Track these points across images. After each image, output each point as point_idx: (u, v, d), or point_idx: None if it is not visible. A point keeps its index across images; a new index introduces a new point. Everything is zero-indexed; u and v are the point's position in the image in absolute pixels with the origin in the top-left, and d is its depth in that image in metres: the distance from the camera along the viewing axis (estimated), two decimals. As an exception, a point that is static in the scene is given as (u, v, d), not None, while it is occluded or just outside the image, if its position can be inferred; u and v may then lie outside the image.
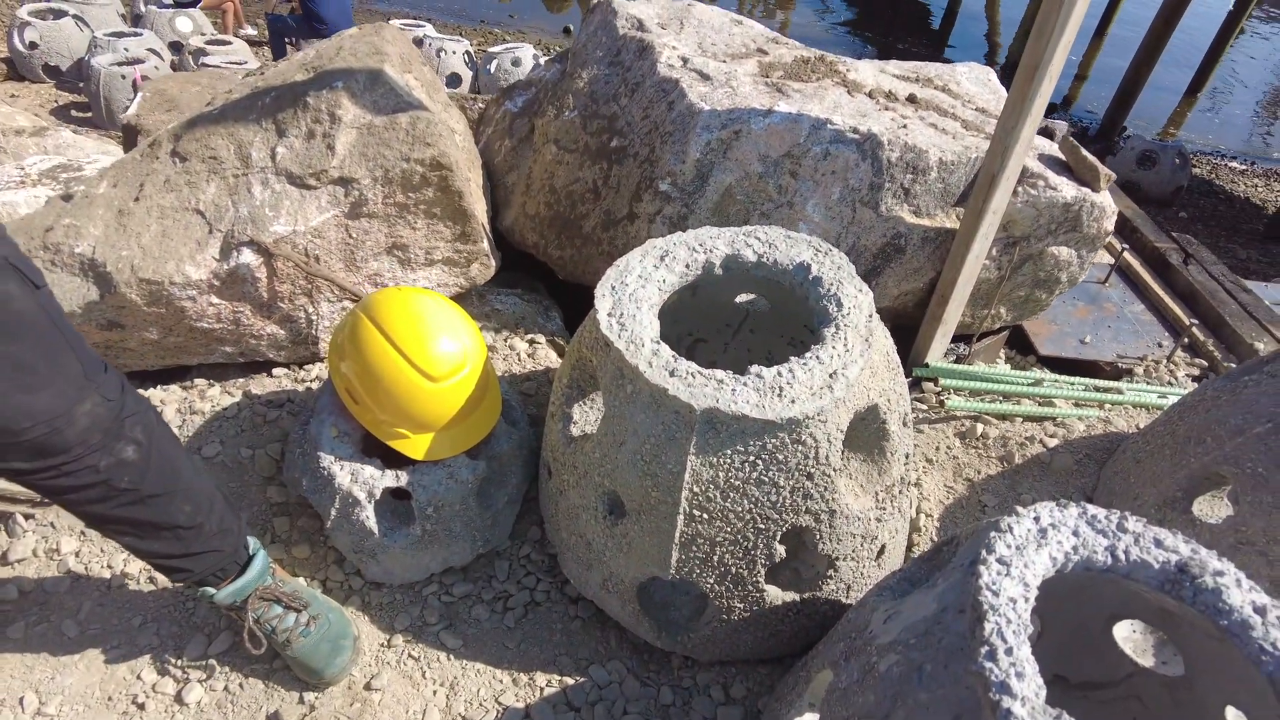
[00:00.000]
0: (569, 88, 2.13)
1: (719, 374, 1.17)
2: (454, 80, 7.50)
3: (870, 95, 2.06)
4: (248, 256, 1.66)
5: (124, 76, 6.16)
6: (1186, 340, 2.76)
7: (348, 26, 7.68)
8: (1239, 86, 11.63)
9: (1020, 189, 1.94)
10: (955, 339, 2.21)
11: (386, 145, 1.71)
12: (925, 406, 1.96)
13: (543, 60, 7.19)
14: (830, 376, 1.19)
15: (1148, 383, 2.47)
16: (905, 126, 1.94)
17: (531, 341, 1.96)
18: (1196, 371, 2.63)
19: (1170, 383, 2.51)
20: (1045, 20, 1.61)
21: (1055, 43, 1.61)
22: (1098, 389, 2.12)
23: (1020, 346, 2.76)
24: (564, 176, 2.08)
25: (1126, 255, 3.19)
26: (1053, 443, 1.80)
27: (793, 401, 1.14)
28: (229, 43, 7.15)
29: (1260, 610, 0.93)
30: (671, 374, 1.18)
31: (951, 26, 12.72)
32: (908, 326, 2.14)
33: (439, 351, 1.37)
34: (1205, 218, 7.48)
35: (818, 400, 1.15)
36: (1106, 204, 2.02)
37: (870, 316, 1.29)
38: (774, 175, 1.86)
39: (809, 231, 1.92)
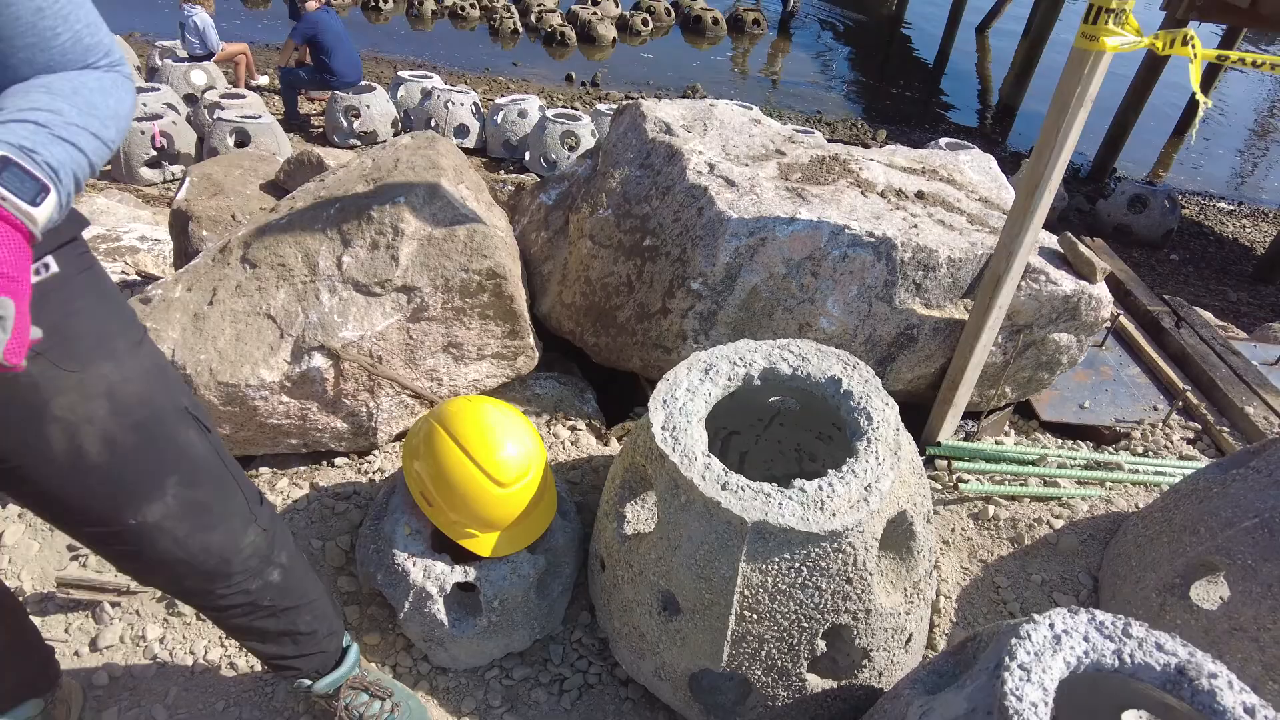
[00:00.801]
0: (602, 186, 2.29)
1: (766, 488, 1.32)
2: (462, 131, 7.73)
3: (882, 195, 2.23)
4: (318, 360, 1.81)
5: (143, 132, 6.36)
6: (1181, 404, 2.91)
7: (357, 78, 7.95)
8: (1224, 125, 11.93)
9: (1023, 283, 2.10)
10: (964, 416, 2.36)
11: (446, 256, 1.87)
12: (940, 486, 2.11)
13: (550, 113, 7.43)
14: (865, 489, 1.33)
15: (1145, 447, 2.62)
16: (915, 226, 2.10)
17: (573, 429, 2.10)
18: (1191, 435, 2.78)
19: (1166, 447, 2.66)
20: (1043, 147, 1.78)
21: (1053, 165, 1.78)
22: (1098, 464, 2.26)
23: (1023, 411, 2.91)
24: (599, 269, 2.24)
25: (1121, 319, 3.36)
26: (1059, 524, 1.95)
27: (834, 515, 1.29)
28: (243, 96, 7.37)
29: (1249, 710, 1.07)
30: (724, 487, 1.32)
31: (944, 68, 13.06)
32: (920, 406, 2.29)
33: (507, 460, 1.51)
34: (1196, 259, 7.69)
35: (856, 513, 1.30)
36: (1103, 295, 2.18)
37: (898, 430, 1.44)
38: (797, 275, 2.02)
39: (828, 324, 2.08)
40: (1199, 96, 1.65)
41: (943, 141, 7.54)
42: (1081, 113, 1.75)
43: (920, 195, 2.29)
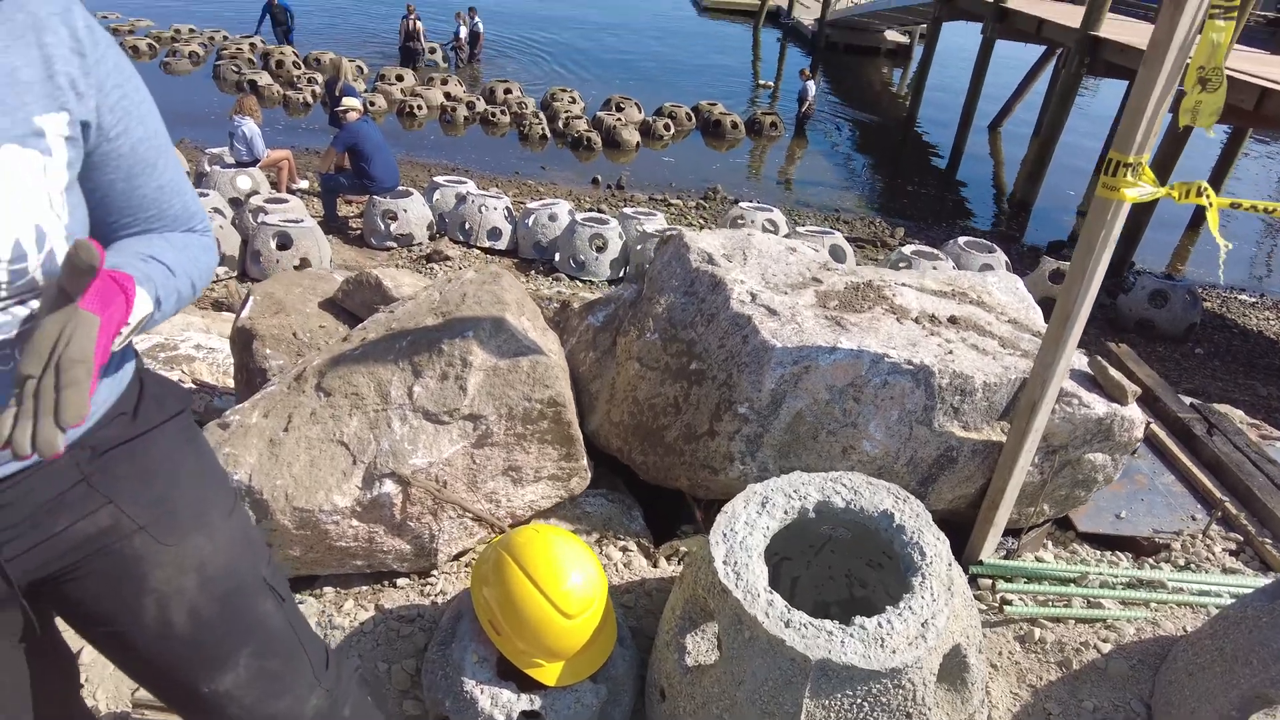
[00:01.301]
0: (649, 311, 2.43)
1: (828, 625, 1.38)
2: (494, 234, 8.05)
3: (916, 320, 2.34)
4: (389, 487, 1.91)
5: (194, 236, 6.67)
6: (1219, 514, 2.93)
7: (394, 184, 8.34)
8: (1240, 217, 12.13)
9: (1057, 407, 2.18)
10: (1004, 534, 2.41)
11: (510, 386, 1.99)
12: (984, 607, 2.14)
13: (579, 217, 7.74)
14: (923, 626, 1.39)
15: (1186, 560, 2.64)
16: (951, 353, 2.21)
17: (624, 549, 2.17)
18: (1233, 546, 2.79)
19: (1208, 559, 2.67)
20: (1072, 283, 1.90)
21: (1082, 299, 1.89)
22: (1141, 583, 2.29)
23: (1060, 522, 2.94)
24: (646, 390, 2.35)
25: (1152, 426, 3.41)
26: (1106, 647, 1.97)
27: (894, 652, 1.35)
28: (285, 200, 7.74)
29: None
30: (787, 625, 1.38)
31: (958, 165, 13.46)
32: (961, 524, 2.34)
33: (574, 591, 1.58)
34: (1221, 353, 7.72)
35: (914, 650, 1.35)
36: (1135, 416, 2.26)
37: (949, 564, 1.51)
38: (840, 401, 2.12)
39: (871, 447, 2.16)
40: (1219, 241, 1.77)
41: (961, 240, 7.75)
42: (1106, 253, 1.87)
43: (953, 320, 2.40)
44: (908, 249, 7.37)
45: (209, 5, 18.83)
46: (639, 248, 7.45)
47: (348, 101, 8.17)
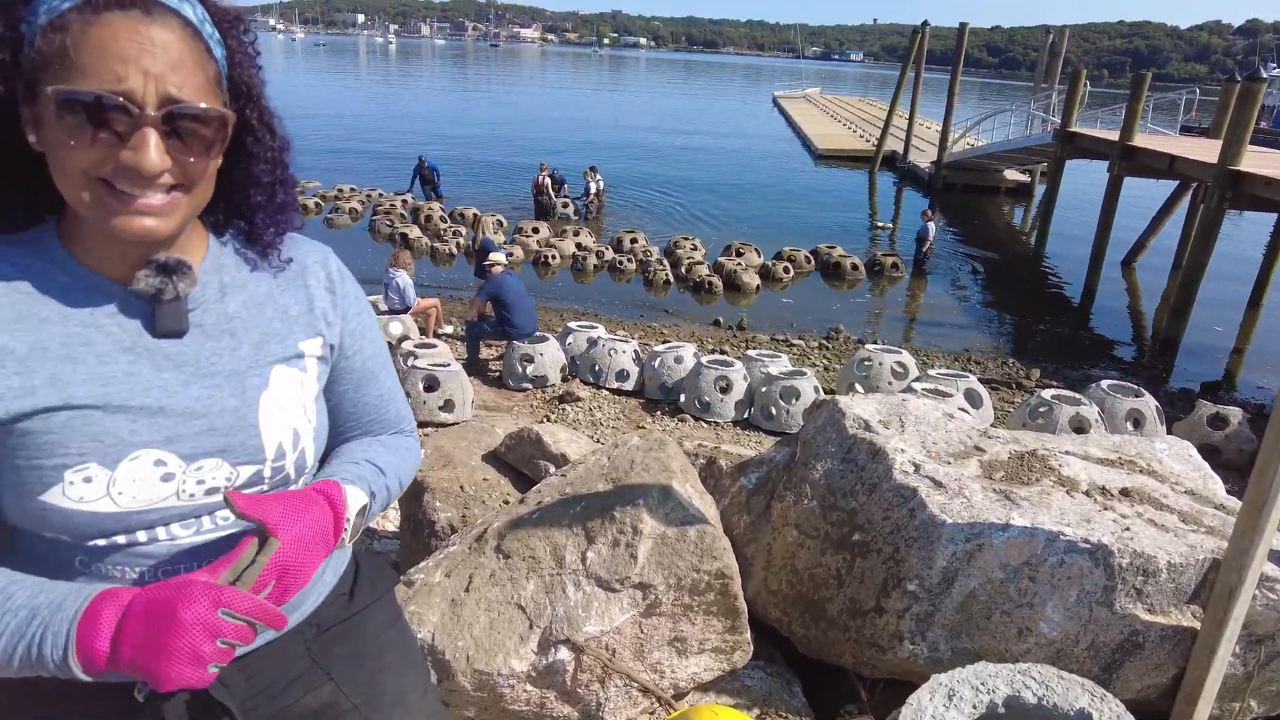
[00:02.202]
0: (805, 476, 2.47)
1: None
2: (622, 375, 8.34)
3: (1087, 493, 2.28)
4: (563, 653, 1.98)
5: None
6: None
7: (532, 330, 8.82)
8: None
9: (1259, 593, 2.04)
10: (1205, 730, 2.20)
11: (679, 555, 2.05)
12: (1193, 818, 1.95)
13: (704, 359, 7.94)
14: None
15: None
16: (1128, 529, 2.12)
17: (790, 728, 2.13)
18: None
19: None
20: (1265, 466, 1.83)
21: (1278, 483, 1.81)
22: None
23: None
24: (805, 560, 2.35)
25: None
26: None
27: None
28: (433, 345, 8.32)
29: None
30: (990, 838, 1.32)
31: (1091, 303, 13.04)
32: (1153, 716, 2.16)
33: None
34: None
35: None
36: (1351, 606, 2.07)
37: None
38: (1014, 580, 2.06)
39: (1048, 629, 2.07)
40: None
41: (1104, 383, 7.42)
42: (1304, 436, 1.80)
43: (1125, 493, 2.32)
44: (1047, 393, 7.11)
45: (370, 165, 21.14)
46: (763, 390, 7.53)
47: (494, 257, 8.88)
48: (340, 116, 31.89)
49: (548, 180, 16.72)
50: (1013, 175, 22.80)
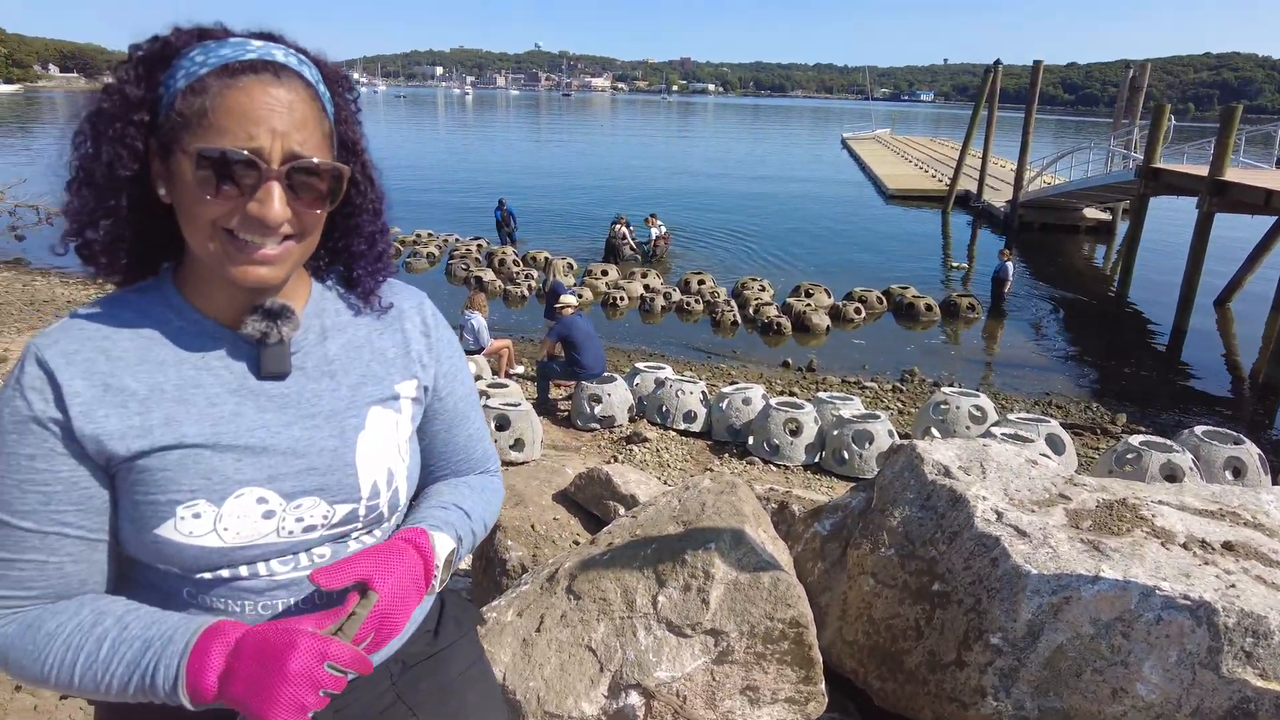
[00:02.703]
0: (881, 524, 2.41)
1: None
2: (690, 416, 8.32)
3: (1185, 546, 2.16)
4: (633, 698, 1.96)
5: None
6: None
7: (601, 371, 8.90)
8: None
9: (1383, 660, 1.89)
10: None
11: (751, 602, 2.02)
12: None
13: (773, 401, 7.86)
14: None
15: None
16: (1233, 586, 2.00)
17: (868, 785, 2.05)
18: None
19: None
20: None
21: (1406, 542, 1.68)
22: None
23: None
24: (883, 609, 2.28)
25: None
26: None
27: None
28: (505, 385, 8.48)
29: None
30: None
31: (1181, 344, 12.47)
32: (1267, 792, 2.01)
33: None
34: None
35: None
36: None
37: None
38: (1106, 636, 1.95)
39: (1146, 691, 1.95)
40: None
41: (1199, 429, 7.04)
42: None
43: (1228, 546, 2.19)
44: (1135, 439, 6.78)
45: (446, 211, 21.89)
46: (835, 433, 7.40)
47: (564, 299, 9.05)
48: (419, 165, 33.21)
49: (624, 230, 17.11)
50: (1093, 213, 22.12)
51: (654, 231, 17.30)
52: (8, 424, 0.87)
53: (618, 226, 17.08)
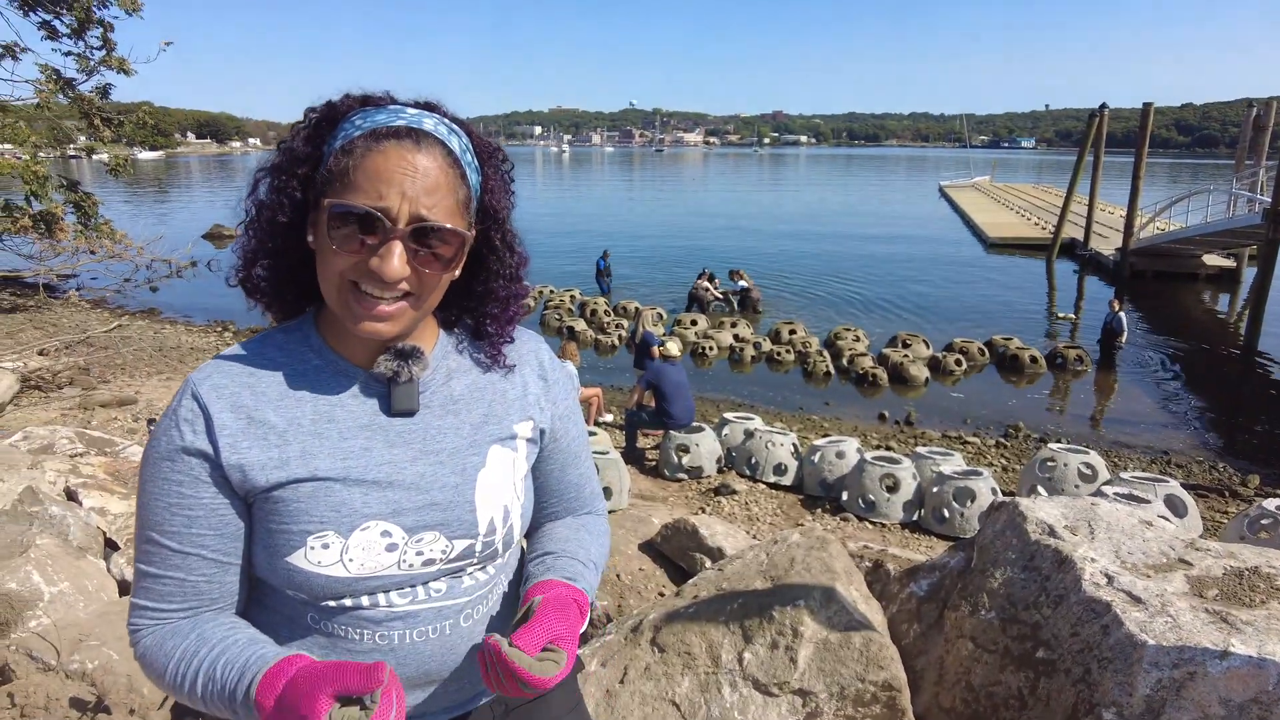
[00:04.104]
0: (981, 585, 2.29)
1: None
2: (780, 469, 8.15)
3: (1330, 621, 1.96)
4: (718, 757, 1.91)
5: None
6: None
7: (689, 421, 8.86)
8: None
9: None
10: None
11: (842, 663, 1.95)
12: None
13: (868, 455, 7.63)
14: None
15: None
16: (1389, 668, 1.80)
17: None
18: None
19: None
20: None
21: None
22: None
23: None
24: (983, 676, 2.16)
25: None
26: None
27: None
28: (595, 433, 8.53)
29: None
30: None
31: (1319, 401, 11.47)
32: None
33: None
34: None
35: None
36: None
37: None
38: (1239, 719, 1.79)
39: (1288, 782, 1.76)
40: None
41: (1346, 495, 6.42)
42: None
43: (1381, 623, 1.97)
44: (1270, 503, 6.23)
45: (540, 263, 22.52)
46: (935, 490, 7.10)
47: (668, 344, 9.13)
48: (516, 219, 34.09)
49: (707, 285, 17.22)
50: (1214, 260, 20.83)
51: (740, 284, 17.31)
52: (163, 451, 0.95)
53: (701, 281, 17.20)
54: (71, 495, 4.16)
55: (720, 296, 17.25)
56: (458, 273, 1.03)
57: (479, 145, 1.03)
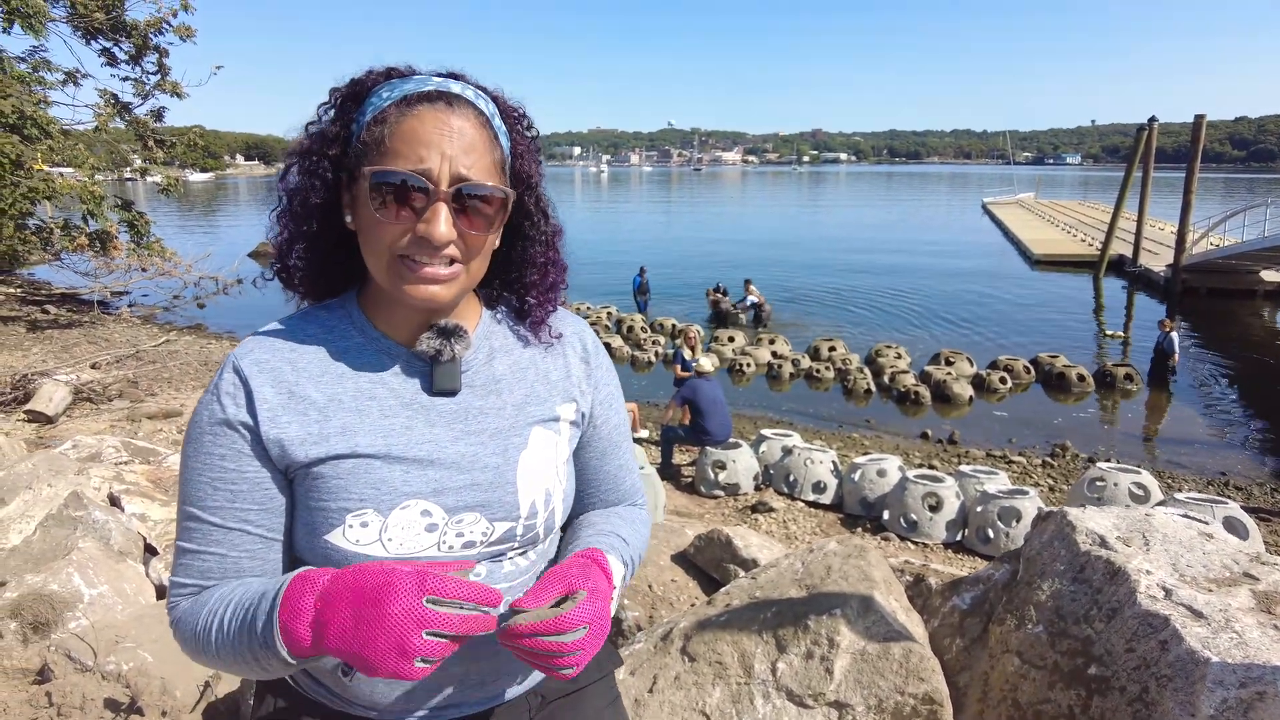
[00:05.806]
0: (1028, 598, 2.18)
1: None
2: (819, 487, 8.01)
3: None
4: (751, 771, 1.83)
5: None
6: None
7: (726, 437, 8.76)
8: None
9: None
10: None
11: (880, 675, 1.87)
12: None
13: (910, 474, 7.46)
14: None
15: None
16: None
17: None
18: None
19: None
20: None
21: None
22: None
23: None
24: (1030, 693, 2.05)
25: None
26: None
27: None
28: (630, 450, 8.49)
29: None
30: None
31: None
32: None
33: None
34: None
35: None
36: None
37: None
38: (1312, 743, 1.66)
39: (1368, 813, 1.63)
40: None
41: None
42: None
43: None
44: (1338, 527, 5.95)
45: (577, 279, 22.57)
46: (979, 510, 6.91)
47: (701, 360, 9.06)
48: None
49: (719, 297, 17.63)
50: (1273, 276, 20.15)
51: (751, 298, 17.31)
52: (205, 425, 0.94)
53: (713, 294, 17.71)
54: (114, 501, 4.24)
55: (734, 307, 17.42)
56: (497, 240, 1.01)
57: (505, 109, 1.02)
